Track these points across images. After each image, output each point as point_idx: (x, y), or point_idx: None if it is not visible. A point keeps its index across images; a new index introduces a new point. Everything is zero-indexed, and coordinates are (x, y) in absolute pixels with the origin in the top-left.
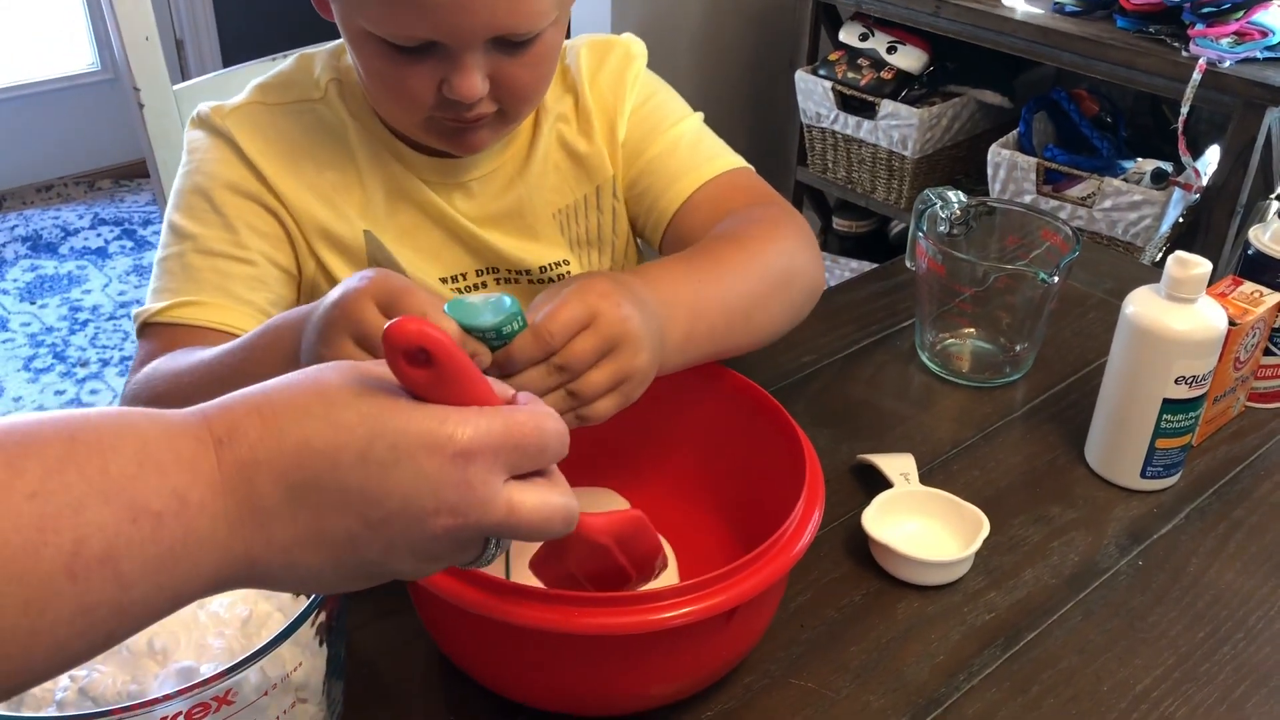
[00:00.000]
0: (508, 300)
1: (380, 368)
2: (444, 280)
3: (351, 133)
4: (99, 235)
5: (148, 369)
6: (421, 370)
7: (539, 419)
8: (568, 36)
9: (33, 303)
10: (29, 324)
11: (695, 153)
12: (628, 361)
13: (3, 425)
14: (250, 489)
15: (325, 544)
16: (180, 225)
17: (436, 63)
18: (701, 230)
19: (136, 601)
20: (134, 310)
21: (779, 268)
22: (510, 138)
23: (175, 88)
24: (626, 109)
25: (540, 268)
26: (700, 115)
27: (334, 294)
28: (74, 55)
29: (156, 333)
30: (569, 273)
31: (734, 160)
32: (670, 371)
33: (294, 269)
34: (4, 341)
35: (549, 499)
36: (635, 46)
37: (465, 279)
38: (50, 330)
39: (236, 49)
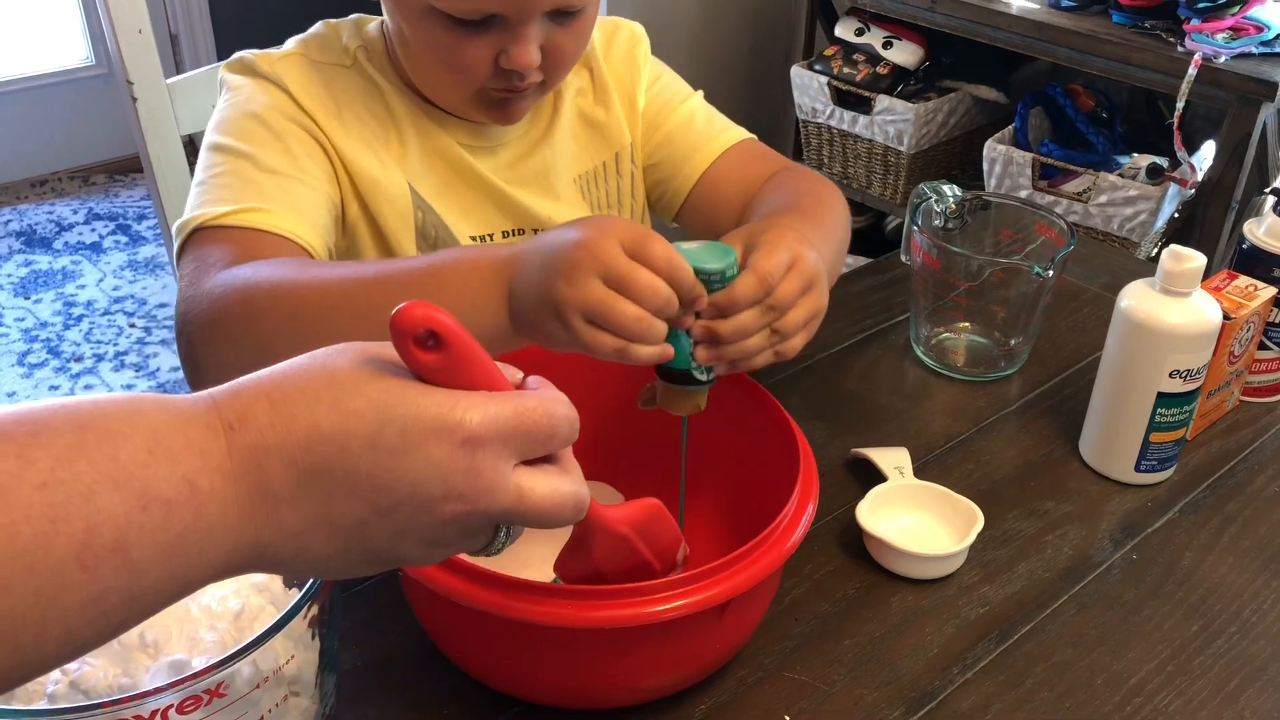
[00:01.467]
0: (727, 247)
1: (389, 351)
2: (474, 238)
3: (388, 93)
4: (93, 230)
5: (241, 272)
6: (431, 354)
7: (548, 404)
8: None
9: (27, 298)
10: (23, 319)
11: (709, 126)
12: (818, 299)
13: (13, 414)
14: (260, 475)
15: (334, 530)
16: (232, 145)
17: (495, 35)
18: (730, 197)
19: (147, 589)
20: (178, 223)
21: (845, 221)
22: (534, 112)
23: (168, 81)
24: (643, 83)
25: None
26: (701, 93)
27: (569, 235)
28: (68, 49)
29: (216, 237)
30: None
31: (742, 132)
32: None
33: (340, 208)
34: None
35: (559, 486)
36: (638, 29)
37: (493, 239)
38: (44, 325)
39: (231, 42)
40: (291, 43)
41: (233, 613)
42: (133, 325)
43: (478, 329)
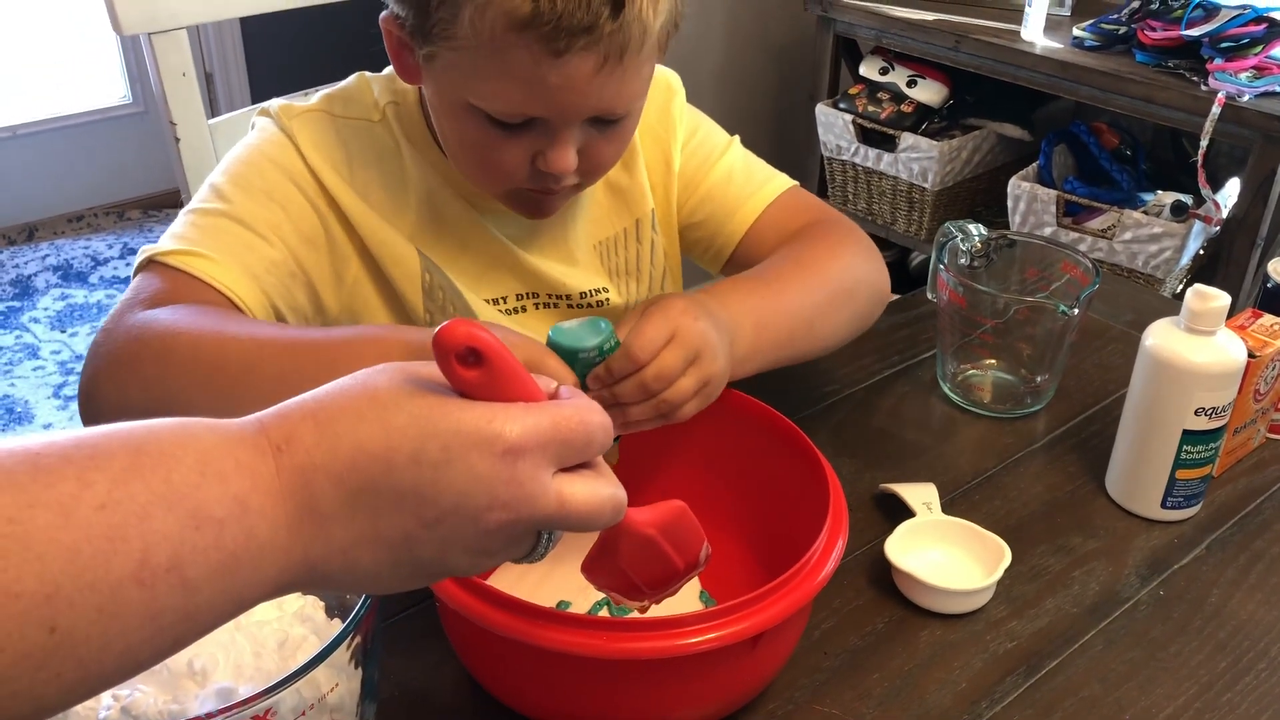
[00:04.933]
0: (603, 323)
1: (428, 368)
2: (487, 302)
3: (405, 156)
4: (128, 265)
5: (160, 315)
6: (472, 370)
7: (583, 412)
8: None
9: (63, 331)
10: (59, 352)
11: (749, 180)
12: (707, 368)
13: (72, 439)
14: (308, 493)
15: (382, 544)
16: (223, 189)
17: (534, 136)
18: (770, 252)
19: (202, 607)
20: (143, 247)
21: (840, 280)
22: None
23: (210, 122)
24: (679, 141)
25: (580, 293)
26: (738, 138)
27: None
28: (107, 88)
29: (159, 272)
30: (608, 300)
31: (784, 182)
32: (741, 378)
33: (320, 275)
34: (35, 369)
35: (598, 489)
36: (674, 80)
37: (506, 302)
38: (80, 358)
39: (266, 83)
40: (319, 95)
41: (277, 642)
42: None
43: None
